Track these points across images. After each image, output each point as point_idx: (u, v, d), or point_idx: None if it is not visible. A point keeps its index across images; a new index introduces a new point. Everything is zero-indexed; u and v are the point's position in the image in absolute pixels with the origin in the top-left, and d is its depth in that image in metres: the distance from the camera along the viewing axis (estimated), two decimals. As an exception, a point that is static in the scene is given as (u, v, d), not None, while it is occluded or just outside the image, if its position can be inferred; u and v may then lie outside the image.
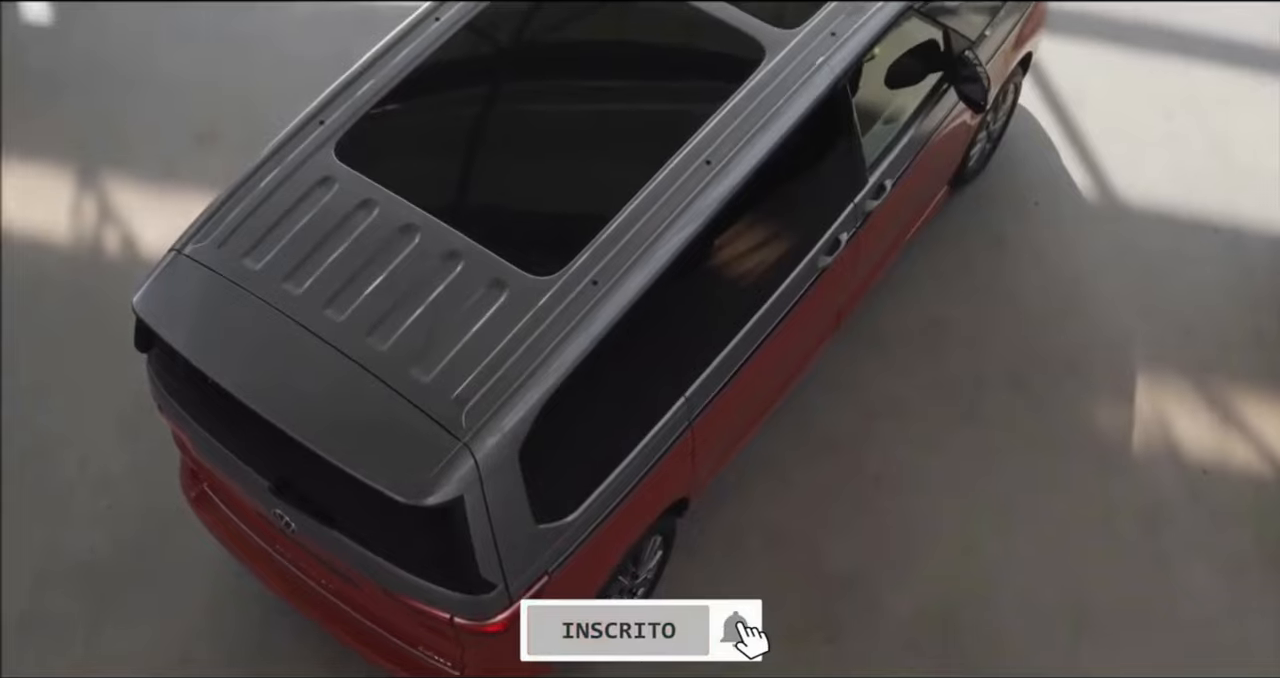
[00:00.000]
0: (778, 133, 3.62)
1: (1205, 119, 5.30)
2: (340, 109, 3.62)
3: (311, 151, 3.55)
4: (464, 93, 3.74)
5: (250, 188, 3.53)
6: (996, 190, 5.08)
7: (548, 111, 3.69)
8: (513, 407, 3.19)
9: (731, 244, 3.71)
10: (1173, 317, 4.82)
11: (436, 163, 3.61)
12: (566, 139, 3.64)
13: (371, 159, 3.55)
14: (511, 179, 3.58)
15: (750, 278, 3.82)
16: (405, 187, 3.48)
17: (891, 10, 3.95)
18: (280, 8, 5.59)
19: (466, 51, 3.77)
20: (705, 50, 3.82)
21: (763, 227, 3.80)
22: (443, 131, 3.67)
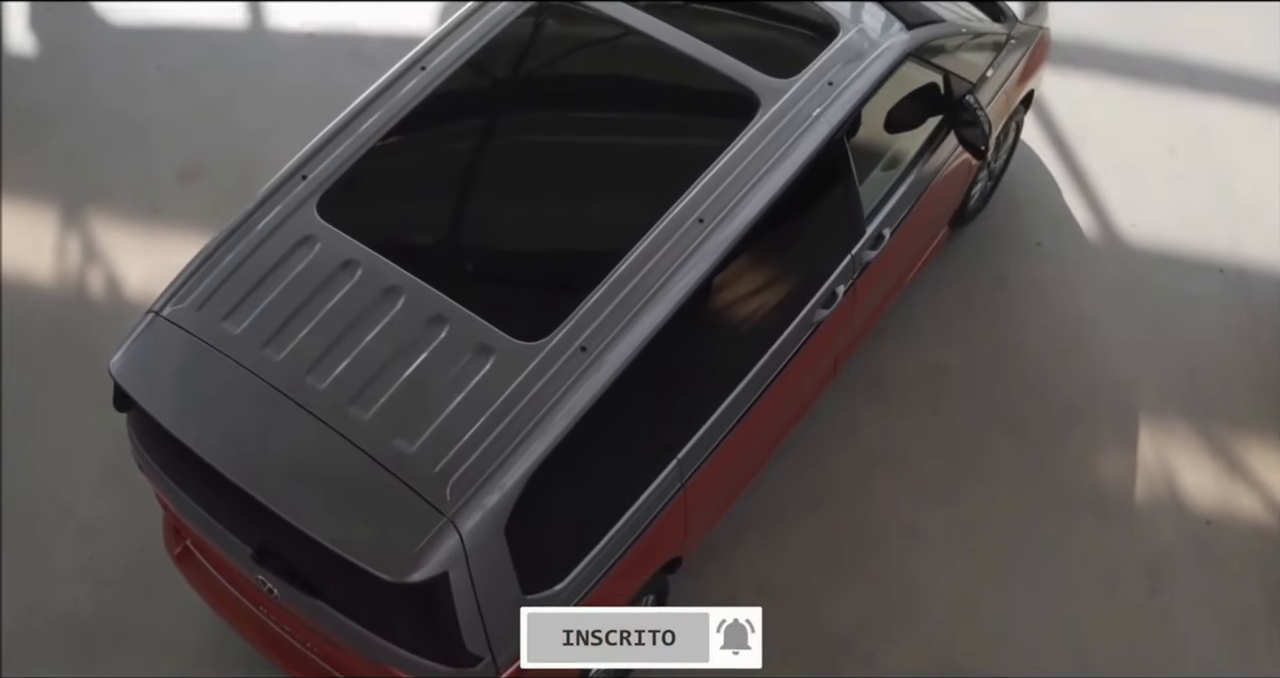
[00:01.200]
0: (772, 189, 3.53)
1: (1211, 155, 5.19)
2: (323, 164, 3.53)
3: (293, 208, 3.46)
4: (449, 148, 3.65)
5: (231, 246, 3.44)
6: (998, 230, 4.99)
7: (536, 169, 3.59)
8: (499, 479, 3.10)
9: (724, 300, 3.61)
10: (1176, 360, 4.72)
11: (421, 221, 3.52)
12: (555, 197, 3.54)
13: (354, 217, 3.46)
14: (498, 239, 3.50)
15: (744, 334, 3.73)
16: (389, 246, 3.39)
17: (890, 57, 3.85)
18: (267, 39, 5.48)
19: (453, 104, 3.68)
20: (697, 102, 3.73)
21: (757, 281, 3.70)
22: (427, 188, 3.57)
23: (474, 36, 3.76)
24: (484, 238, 3.52)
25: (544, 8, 3.86)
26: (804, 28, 3.90)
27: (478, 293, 3.32)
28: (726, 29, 3.87)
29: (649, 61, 3.77)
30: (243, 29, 5.50)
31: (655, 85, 3.78)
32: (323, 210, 3.46)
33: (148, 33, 5.51)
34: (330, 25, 5.51)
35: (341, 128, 3.61)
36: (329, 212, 3.46)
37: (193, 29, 5.52)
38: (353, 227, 3.42)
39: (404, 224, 3.50)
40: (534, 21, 3.84)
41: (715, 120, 3.68)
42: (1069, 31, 5.45)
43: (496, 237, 3.51)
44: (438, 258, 3.44)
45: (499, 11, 3.83)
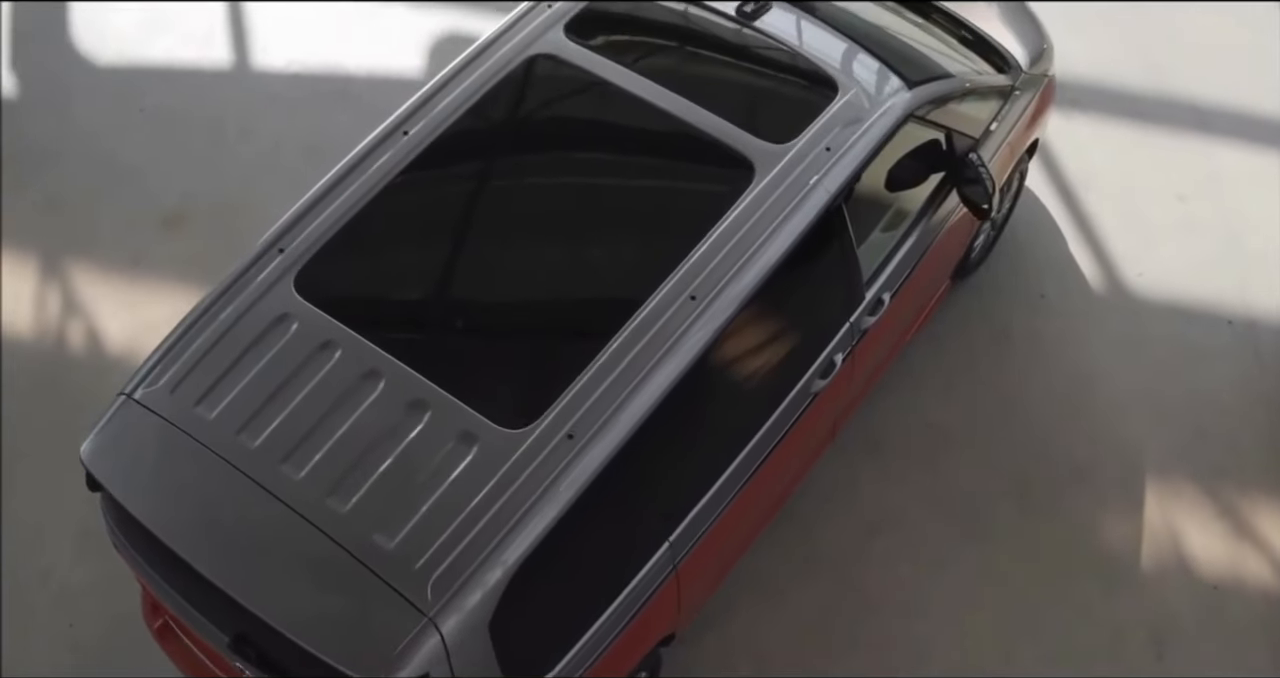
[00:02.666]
0: (767, 263, 3.39)
1: (1220, 201, 5.05)
2: (300, 236, 3.41)
3: (270, 284, 3.33)
4: (431, 220, 3.49)
5: (206, 324, 3.32)
6: (1001, 281, 4.85)
7: (521, 244, 3.44)
8: (483, 576, 2.97)
9: (717, 374, 3.46)
10: (1184, 417, 4.59)
11: (401, 299, 3.38)
12: (542, 274, 3.39)
13: (332, 294, 3.34)
14: (481, 319, 3.36)
15: (738, 409, 3.59)
16: (368, 326, 3.26)
17: (891, 119, 3.71)
18: (253, 79, 5.34)
19: (435, 173, 3.54)
20: (690, 169, 3.58)
21: (751, 353, 3.56)
22: (408, 264, 3.42)
23: (457, 99, 3.65)
24: (467, 317, 3.38)
25: (531, 68, 3.73)
26: (801, 87, 3.75)
27: (460, 376, 3.19)
28: (721, 89, 3.72)
29: (640, 126, 3.62)
30: (228, 69, 5.37)
31: (646, 152, 3.63)
32: (300, 286, 3.34)
33: (132, 73, 5.38)
34: (316, 65, 5.37)
35: (320, 197, 3.48)
36: (306, 288, 3.34)
37: (177, 69, 5.38)
38: (331, 304, 3.31)
39: (384, 302, 3.37)
40: (520, 83, 3.70)
41: (709, 189, 3.53)
42: (1074, 72, 5.33)
43: (480, 316, 3.38)
44: (419, 339, 3.30)
45: (484, 72, 3.71)
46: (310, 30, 5.49)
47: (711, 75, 3.79)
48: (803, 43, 3.84)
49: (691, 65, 3.81)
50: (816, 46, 3.84)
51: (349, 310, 3.30)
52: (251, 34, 5.47)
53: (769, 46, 3.82)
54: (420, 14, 5.54)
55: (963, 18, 4.47)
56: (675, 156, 3.59)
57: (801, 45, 3.83)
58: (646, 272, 3.34)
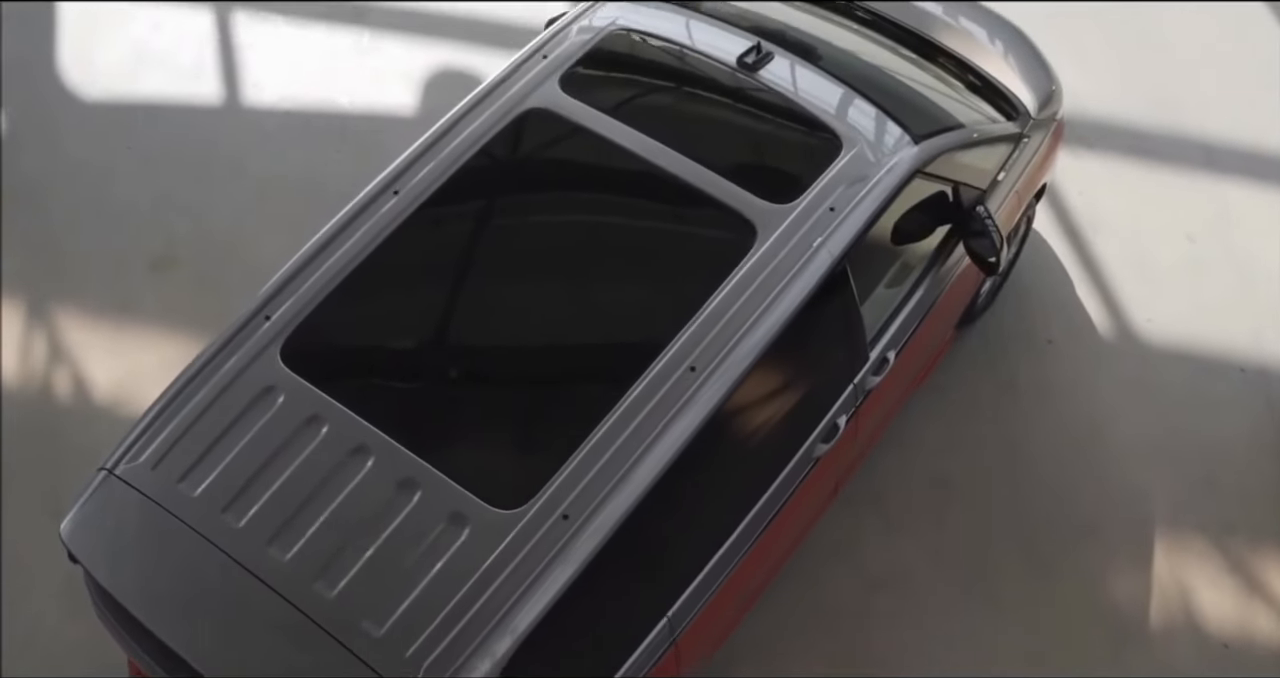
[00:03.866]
0: (769, 331, 3.29)
1: (1230, 242, 4.96)
2: (287, 302, 3.30)
3: (255, 354, 3.23)
4: (422, 287, 3.36)
5: (189, 396, 3.22)
6: (1007, 327, 4.75)
7: (516, 312, 3.31)
8: (474, 665, 2.87)
9: (716, 444, 3.34)
10: (1194, 468, 4.49)
11: (391, 370, 3.26)
12: (536, 344, 3.28)
13: (320, 365, 3.23)
14: (474, 392, 3.22)
15: (738, 477, 3.47)
16: (356, 399, 3.16)
17: (897, 177, 3.60)
18: (243, 116, 5.22)
19: (425, 236, 3.42)
20: (688, 232, 3.44)
21: (751, 420, 3.44)
22: (398, 333, 3.30)
23: (449, 158, 3.54)
24: (458, 390, 3.24)
25: (525, 124, 3.62)
26: (805, 142, 3.63)
27: (452, 454, 3.09)
28: (722, 145, 3.60)
29: (639, 187, 3.51)
30: (218, 105, 5.26)
31: (645, 214, 3.50)
32: (287, 357, 3.24)
33: (120, 109, 5.26)
34: (309, 102, 5.26)
35: (308, 260, 3.38)
36: (293, 358, 3.24)
37: (167, 105, 5.26)
38: (318, 376, 3.20)
39: (373, 373, 3.25)
40: (513, 140, 3.60)
41: (708, 253, 3.40)
42: (1082, 108, 5.25)
43: (472, 390, 3.24)
44: (408, 413, 3.18)
45: (476, 128, 3.60)
46: (302, 66, 5.38)
47: (712, 130, 3.66)
48: (806, 94, 3.74)
49: (691, 120, 3.68)
50: (820, 98, 3.74)
51: (337, 382, 3.20)
52: (242, 70, 5.36)
53: (771, 99, 3.71)
54: (414, 50, 5.42)
55: (970, 61, 4.37)
56: (675, 219, 3.46)
57: (805, 97, 3.72)
58: (644, 343, 3.24)
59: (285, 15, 5.53)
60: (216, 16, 5.54)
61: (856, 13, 4.42)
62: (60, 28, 5.54)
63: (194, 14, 5.54)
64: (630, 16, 3.94)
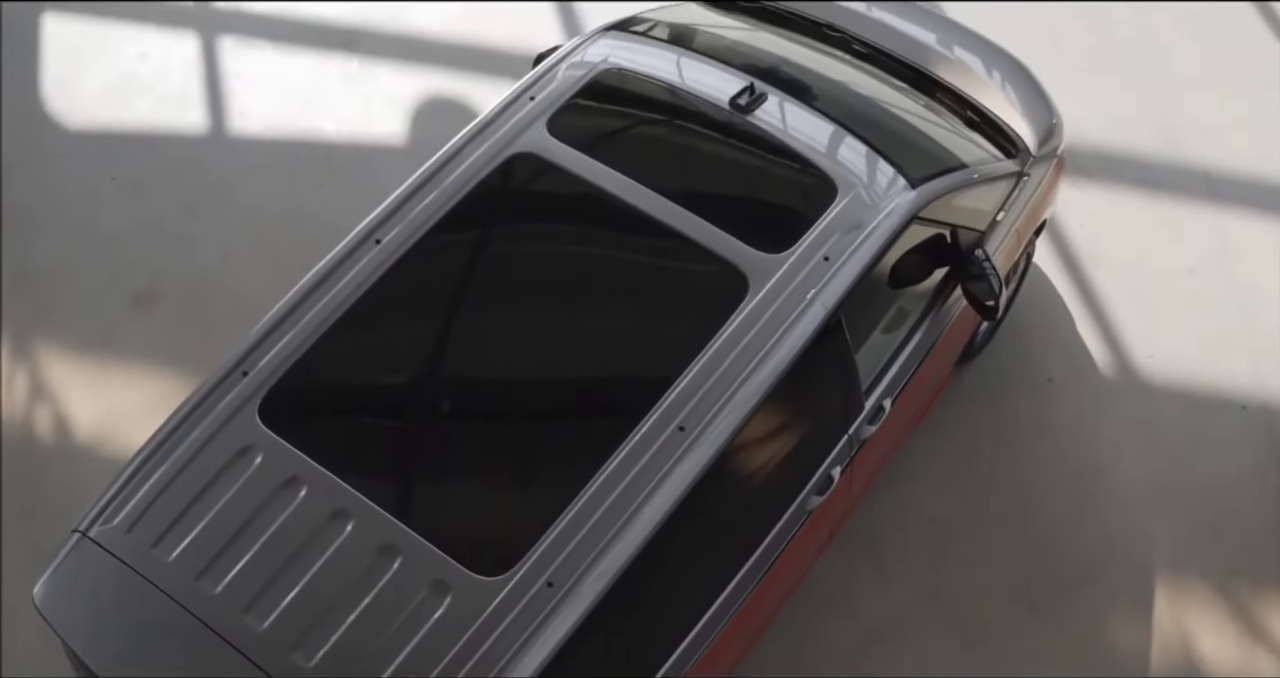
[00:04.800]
0: (761, 387, 3.19)
1: (1232, 275, 4.86)
2: (266, 357, 3.22)
3: (233, 411, 3.15)
4: (404, 342, 3.26)
5: (165, 455, 3.13)
6: (1006, 365, 4.65)
7: (499, 370, 3.22)
8: (456, 739, 2.87)
9: (706, 500, 3.23)
10: (1196, 511, 4.40)
11: (371, 429, 3.16)
12: (521, 404, 3.18)
13: (299, 423, 3.15)
14: (457, 453, 3.13)
15: (729, 535, 3.37)
16: (336, 460, 3.08)
17: (893, 224, 3.50)
18: (229, 146, 5.13)
19: (408, 288, 3.33)
20: (679, 283, 3.34)
21: (742, 475, 3.34)
22: (379, 390, 3.21)
23: (433, 205, 3.44)
24: (441, 451, 3.15)
25: (511, 169, 3.52)
26: (799, 188, 3.54)
27: (433, 517, 3.00)
28: (713, 191, 3.51)
29: (627, 235, 3.41)
30: (204, 135, 5.16)
31: (634, 264, 3.39)
32: (265, 415, 3.16)
33: (105, 138, 5.16)
34: (296, 131, 5.17)
35: (287, 313, 3.29)
36: (271, 416, 3.16)
37: (152, 134, 5.16)
38: (297, 435, 3.12)
39: (353, 433, 3.16)
40: (499, 186, 3.50)
41: (699, 305, 3.31)
42: (1084, 137, 5.16)
43: (456, 450, 3.15)
44: (389, 475, 3.09)
45: (461, 174, 3.50)
46: (289, 93, 5.29)
47: (704, 176, 3.57)
48: (800, 137, 3.64)
49: (682, 164, 3.59)
50: (814, 140, 3.65)
51: (316, 442, 3.11)
52: (229, 98, 5.27)
53: (764, 142, 3.62)
54: (403, 77, 5.32)
55: (969, 96, 4.27)
56: (665, 270, 3.37)
57: (798, 140, 3.63)
58: (631, 401, 3.15)
59: (273, 42, 5.44)
60: (203, 43, 5.46)
61: (853, 46, 4.36)
62: (45, 55, 5.44)
63: (181, 41, 5.45)
64: (621, 53, 3.85)
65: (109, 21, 5.55)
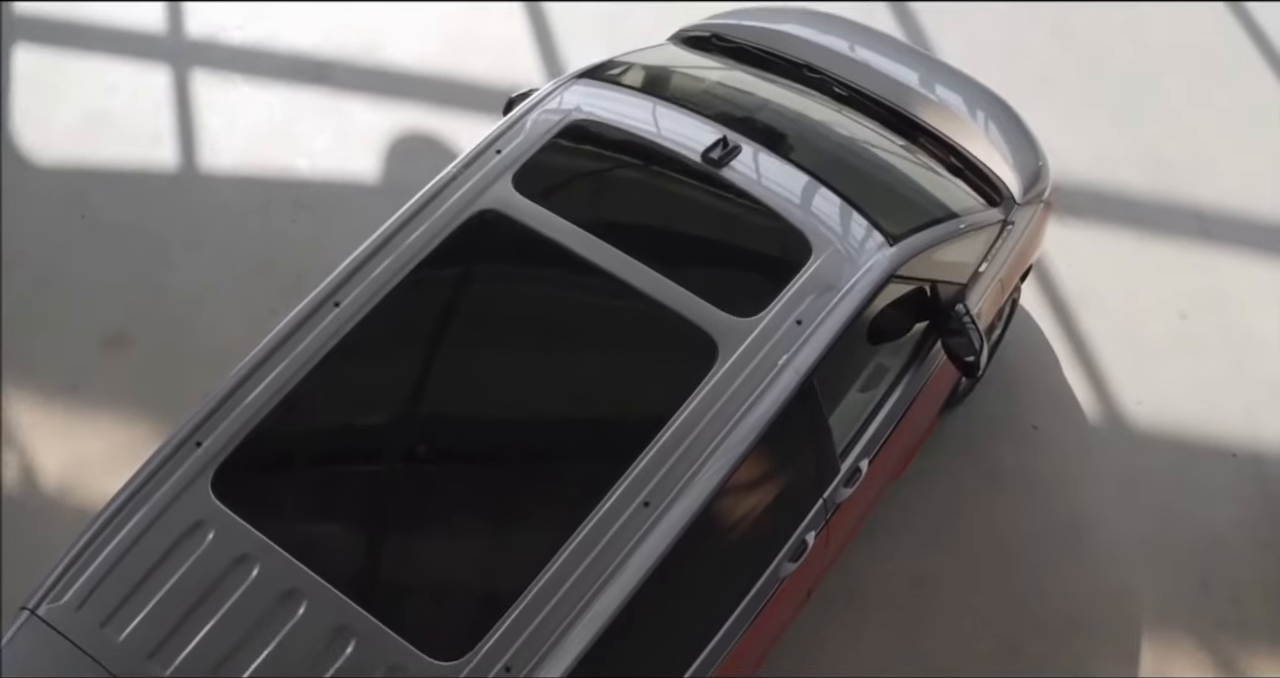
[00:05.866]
0: (730, 458, 3.08)
1: (1225, 319, 4.75)
2: (220, 427, 3.10)
3: (185, 484, 3.04)
4: (359, 413, 3.15)
5: (117, 528, 3.03)
6: (991, 412, 4.55)
7: (460, 441, 3.12)
8: None
9: (673, 574, 3.09)
10: (1184, 563, 4.30)
11: (326, 505, 3.05)
12: (481, 479, 3.08)
13: (253, 497, 3.04)
14: (412, 530, 3.03)
15: (698, 608, 3.26)
16: (290, 537, 2.97)
17: (869, 285, 3.37)
18: (200, 183, 4.99)
19: (367, 353, 3.21)
20: (645, 348, 3.24)
21: (711, 546, 3.21)
22: (336, 463, 3.11)
23: (394, 266, 3.32)
24: (398, 529, 3.04)
25: (475, 227, 3.38)
26: (771, 247, 3.43)
27: (389, 598, 2.90)
28: (682, 251, 3.41)
29: (592, 297, 3.30)
30: (175, 173, 5.05)
31: (599, 329, 3.29)
32: (217, 488, 3.05)
33: (74, 175, 5.06)
34: (268, 169, 5.05)
35: (242, 380, 3.17)
36: (224, 490, 3.05)
37: (123, 172, 5.06)
38: (250, 510, 3.01)
39: (308, 508, 3.06)
40: (462, 246, 3.37)
41: (665, 373, 3.20)
42: (1072, 173, 5.05)
43: (410, 526, 3.05)
44: (343, 553, 2.98)
45: (424, 233, 3.38)
46: (262, 128, 5.17)
47: (673, 234, 3.47)
48: (774, 192, 3.52)
49: (651, 222, 3.48)
50: (788, 196, 3.53)
51: (269, 518, 3.01)
52: (201, 133, 5.16)
53: (737, 199, 3.50)
54: (377, 111, 5.21)
55: (951, 140, 4.16)
56: (631, 335, 3.26)
57: (772, 196, 3.51)
58: (594, 475, 3.04)
59: (246, 74, 5.34)
60: (175, 75, 5.36)
61: (833, 88, 4.26)
62: (14, 87, 5.33)
63: (152, 73, 5.33)
64: (592, 102, 3.72)
65: (80, 53, 5.44)
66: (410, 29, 5.50)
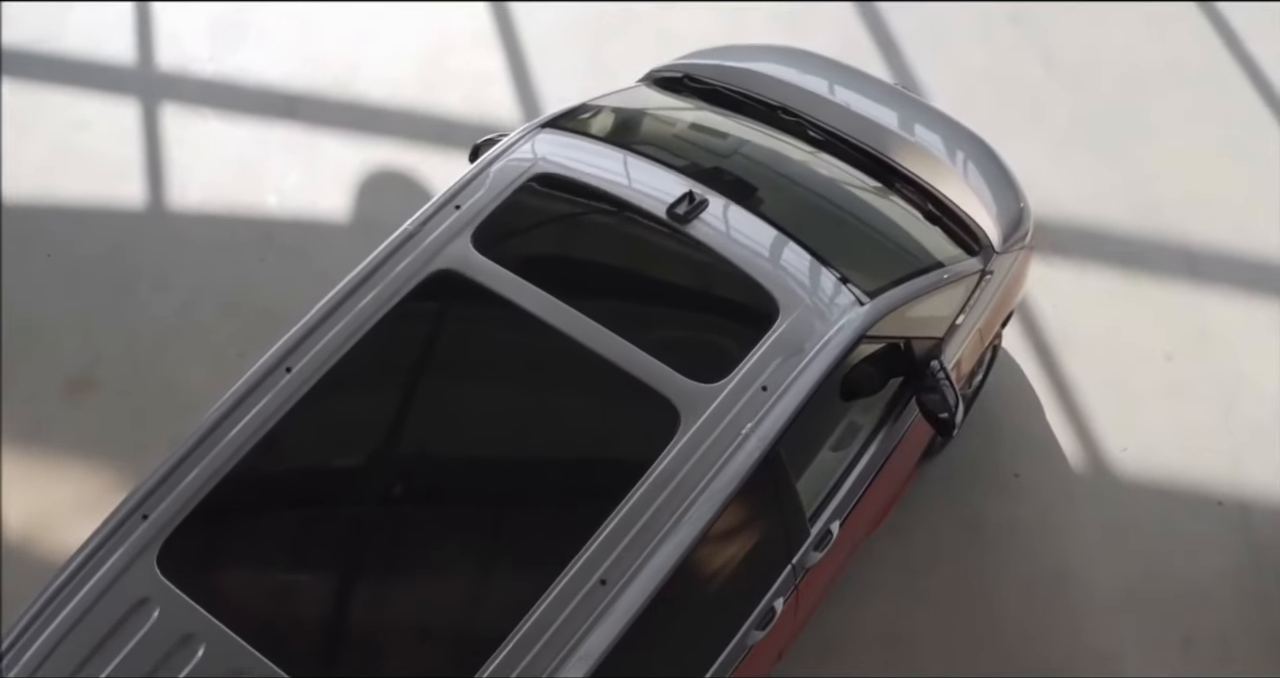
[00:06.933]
0: (690, 534, 2.96)
1: (1213, 362, 4.64)
2: (167, 499, 3.00)
3: (130, 559, 2.95)
4: (313, 484, 3.07)
5: (63, 603, 2.94)
6: (973, 459, 4.43)
7: (415, 515, 3.01)
8: None
9: (632, 652, 2.96)
10: (1168, 615, 4.19)
11: (271, 583, 2.98)
12: (432, 557, 2.97)
13: (198, 574, 2.96)
14: (364, 608, 2.94)
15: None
16: (235, 616, 2.88)
17: (839, 346, 3.24)
18: (168, 221, 4.89)
19: (319, 421, 3.10)
20: (605, 417, 3.15)
21: (674, 619, 3.10)
22: (283, 538, 3.02)
23: (348, 328, 3.20)
24: (346, 607, 2.96)
25: (431, 288, 3.25)
26: (737, 309, 3.32)
27: (334, 676, 2.91)
28: (645, 313, 3.31)
29: (551, 362, 3.18)
30: (142, 210, 4.95)
31: (557, 395, 3.19)
32: (163, 563, 2.95)
33: (40, 212, 4.96)
34: (237, 206, 4.95)
35: (191, 450, 3.07)
36: (170, 565, 2.95)
37: (89, 209, 4.96)
38: (196, 587, 2.92)
39: (254, 585, 2.98)
40: (417, 308, 3.26)
41: (626, 442, 3.11)
42: (1058, 209, 4.94)
43: (363, 606, 2.96)
44: (291, 632, 2.89)
45: (380, 294, 3.26)
46: (231, 166, 5.07)
47: (635, 295, 3.38)
48: (741, 249, 3.39)
49: (613, 282, 3.40)
50: (756, 253, 3.41)
51: (215, 596, 2.92)
52: (169, 169, 5.05)
53: (702, 257, 3.37)
54: (349, 149, 5.10)
55: (930, 186, 4.03)
56: (590, 401, 3.16)
57: (739, 254, 3.38)
58: (549, 552, 2.93)
59: (216, 108, 5.23)
60: (144, 109, 5.25)
61: (808, 132, 4.11)
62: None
63: (121, 107, 5.22)
64: (557, 153, 3.58)
65: (49, 86, 5.33)
66: (383, 62, 5.39)
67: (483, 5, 5.57)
